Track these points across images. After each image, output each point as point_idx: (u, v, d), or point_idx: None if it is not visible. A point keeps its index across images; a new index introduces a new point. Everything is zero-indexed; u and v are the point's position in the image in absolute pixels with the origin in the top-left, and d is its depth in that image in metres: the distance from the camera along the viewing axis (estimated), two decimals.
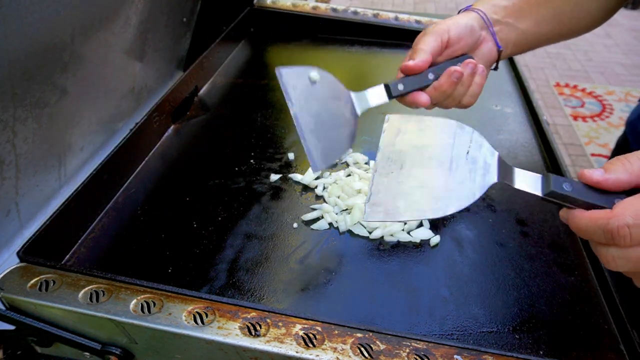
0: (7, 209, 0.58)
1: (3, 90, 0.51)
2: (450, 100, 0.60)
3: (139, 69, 0.83)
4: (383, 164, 0.49)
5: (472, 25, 0.60)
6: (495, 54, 0.63)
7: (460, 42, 0.60)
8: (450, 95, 0.59)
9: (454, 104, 0.61)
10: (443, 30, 0.59)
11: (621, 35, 3.98)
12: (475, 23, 0.61)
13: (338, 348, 0.44)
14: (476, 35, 0.61)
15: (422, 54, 0.57)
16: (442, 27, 0.59)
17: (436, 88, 0.58)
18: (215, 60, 1.03)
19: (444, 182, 0.47)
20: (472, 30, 0.60)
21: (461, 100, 0.60)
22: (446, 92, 0.58)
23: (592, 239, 0.43)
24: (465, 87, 0.59)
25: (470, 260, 0.62)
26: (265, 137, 0.85)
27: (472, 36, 0.61)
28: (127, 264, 0.61)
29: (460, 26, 0.60)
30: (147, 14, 0.78)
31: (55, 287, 0.49)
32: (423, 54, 0.57)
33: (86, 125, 0.71)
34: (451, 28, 0.59)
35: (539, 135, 0.86)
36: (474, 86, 0.60)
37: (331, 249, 0.63)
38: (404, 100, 0.59)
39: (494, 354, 0.44)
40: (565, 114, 2.91)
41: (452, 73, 0.57)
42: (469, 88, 0.59)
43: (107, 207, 0.68)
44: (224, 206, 0.69)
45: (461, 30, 0.60)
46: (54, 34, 0.56)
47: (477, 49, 0.62)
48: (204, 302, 0.48)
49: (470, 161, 0.48)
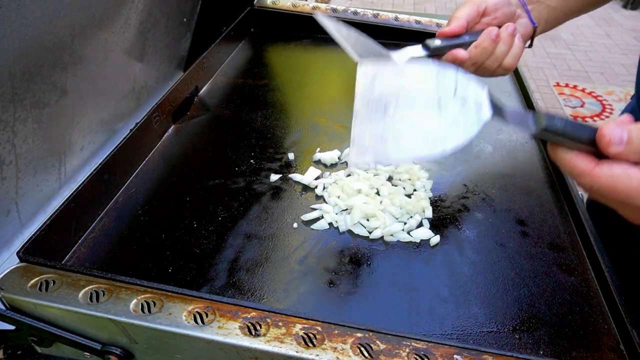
0: (7, 209, 0.58)
1: (3, 90, 0.51)
2: (492, 60, 0.61)
3: (139, 69, 0.83)
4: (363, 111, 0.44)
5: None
6: (530, 30, 0.65)
7: (497, 11, 0.62)
8: (492, 54, 0.60)
9: (495, 65, 0.61)
10: (480, 0, 0.61)
11: (621, 35, 3.99)
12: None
13: (338, 348, 0.44)
14: (512, 9, 0.63)
15: (457, 20, 0.60)
16: None
17: (476, 46, 0.60)
18: (216, 60, 1.03)
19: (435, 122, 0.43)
20: (509, 2, 0.63)
21: (503, 61, 0.61)
22: (487, 49, 0.59)
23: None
24: (507, 46, 0.60)
25: (470, 260, 0.62)
26: (265, 137, 0.85)
27: (509, 8, 0.63)
28: (127, 264, 0.61)
29: None
30: (147, 14, 0.78)
31: (55, 287, 0.49)
32: (458, 21, 0.60)
33: (86, 125, 0.71)
34: None
35: None
36: (515, 48, 0.61)
37: (331, 249, 0.63)
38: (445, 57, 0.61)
39: (494, 354, 0.44)
40: (565, 114, 2.91)
41: (491, 31, 0.59)
42: (511, 49, 0.61)
43: (107, 207, 0.68)
44: (224, 206, 0.69)
45: (498, 1, 0.62)
46: (54, 34, 0.56)
47: (514, 22, 0.64)
48: (204, 302, 0.48)
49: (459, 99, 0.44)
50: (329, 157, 0.78)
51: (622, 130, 0.38)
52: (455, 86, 0.45)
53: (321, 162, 0.79)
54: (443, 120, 0.43)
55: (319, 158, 0.79)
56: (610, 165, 0.39)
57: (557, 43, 3.85)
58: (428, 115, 0.44)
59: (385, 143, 0.43)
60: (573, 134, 0.40)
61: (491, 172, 0.77)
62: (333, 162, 0.78)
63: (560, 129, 0.40)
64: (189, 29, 1.00)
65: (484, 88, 0.45)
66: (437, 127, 0.43)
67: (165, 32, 0.89)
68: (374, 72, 0.47)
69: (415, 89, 0.45)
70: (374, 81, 0.46)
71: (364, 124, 0.44)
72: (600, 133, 0.39)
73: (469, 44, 0.60)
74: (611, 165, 0.39)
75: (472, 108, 0.44)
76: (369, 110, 0.44)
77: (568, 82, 3.28)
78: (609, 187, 0.39)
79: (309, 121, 0.90)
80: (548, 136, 0.41)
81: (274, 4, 1.18)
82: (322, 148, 0.81)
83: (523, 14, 0.65)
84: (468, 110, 0.44)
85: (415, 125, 0.43)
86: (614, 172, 0.38)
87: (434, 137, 0.43)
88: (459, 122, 0.43)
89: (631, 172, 0.38)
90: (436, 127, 0.43)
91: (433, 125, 0.43)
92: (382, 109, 0.44)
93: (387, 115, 0.44)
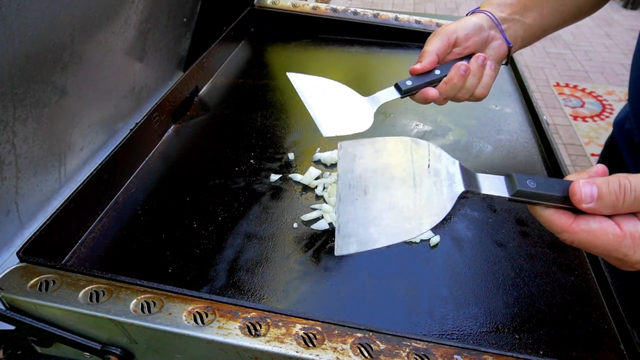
0: (7, 209, 0.58)
1: (3, 90, 0.51)
2: (463, 93, 0.62)
3: (139, 69, 0.83)
4: (345, 191, 0.47)
5: (481, 24, 0.63)
6: (505, 49, 0.65)
7: (468, 40, 0.62)
8: (462, 88, 0.61)
9: (467, 95, 0.62)
10: (451, 31, 0.62)
11: (621, 35, 3.99)
12: (484, 22, 0.63)
13: (338, 348, 0.44)
14: (485, 34, 0.63)
15: (428, 55, 0.61)
16: (449, 28, 0.62)
17: (446, 82, 0.61)
18: (216, 60, 1.03)
19: (412, 200, 0.45)
20: (481, 29, 0.63)
21: (474, 92, 0.62)
22: (457, 84, 0.60)
23: None
24: (477, 79, 0.61)
25: (470, 260, 0.62)
26: (265, 137, 0.85)
27: (481, 35, 0.63)
28: (127, 264, 0.61)
29: (468, 26, 0.62)
30: (147, 14, 0.78)
31: (55, 287, 0.49)
32: (429, 56, 0.61)
33: (86, 125, 0.71)
34: (459, 28, 0.62)
35: (539, 135, 0.86)
36: (485, 77, 0.62)
37: (331, 249, 0.63)
38: (416, 97, 0.62)
39: (494, 354, 0.44)
40: (565, 114, 2.91)
41: (460, 66, 0.59)
42: (481, 79, 0.61)
43: (107, 207, 0.68)
44: (224, 206, 0.69)
45: (469, 30, 0.62)
46: (54, 34, 0.56)
47: (486, 46, 0.64)
48: (204, 302, 0.48)
49: (433, 174, 0.46)
50: (329, 157, 0.78)
51: (592, 186, 0.39)
52: (428, 160, 0.47)
53: (321, 162, 0.79)
54: (419, 197, 0.45)
55: (319, 158, 0.79)
56: (587, 220, 0.40)
57: (557, 43, 3.85)
58: (404, 193, 0.46)
59: (367, 228, 0.45)
60: (546, 194, 0.41)
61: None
62: (333, 162, 0.78)
63: (533, 190, 0.42)
64: (189, 29, 1.00)
65: (454, 162, 0.47)
66: (413, 205, 0.45)
67: (165, 32, 0.89)
68: (353, 153, 0.50)
69: (391, 164, 0.48)
70: (354, 161, 0.49)
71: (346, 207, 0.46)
72: (571, 191, 0.40)
73: (440, 79, 0.61)
74: (587, 221, 0.40)
75: (445, 182, 0.46)
76: (351, 191, 0.47)
77: (568, 82, 3.28)
78: (588, 242, 0.40)
79: (309, 121, 0.89)
80: (523, 199, 0.42)
81: (274, 4, 1.18)
82: (322, 148, 0.81)
83: (497, 35, 0.64)
84: (441, 185, 0.46)
85: (393, 205, 0.45)
86: (591, 228, 0.40)
87: (411, 216, 0.45)
88: (433, 199, 0.45)
89: (607, 226, 0.39)
90: (412, 206, 0.45)
91: (410, 203, 0.45)
92: (362, 189, 0.47)
93: (367, 197, 0.46)
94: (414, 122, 0.90)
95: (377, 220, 0.45)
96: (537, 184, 0.42)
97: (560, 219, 0.41)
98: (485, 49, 0.64)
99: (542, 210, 0.42)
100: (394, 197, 0.46)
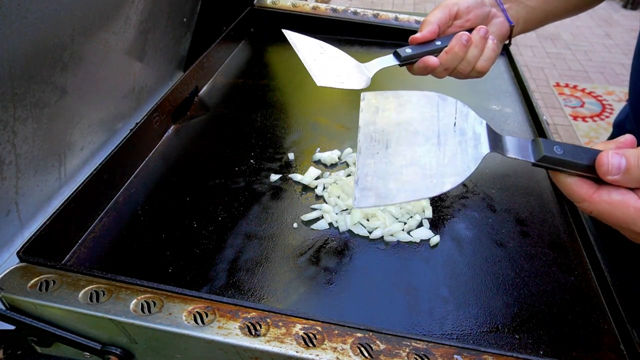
0: (7, 209, 0.58)
1: (3, 90, 0.51)
2: (464, 65, 0.61)
3: (139, 69, 0.83)
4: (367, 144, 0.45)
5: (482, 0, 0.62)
6: (506, 29, 0.65)
7: (469, 13, 0.62)
8: (463, 59, 0.60)
9: (468, 68, 0.61)
10: (452, 3, 0.61)
11: (621, 35, 3.99)
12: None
13: (338, 348, 0.44)
14: (486, 10, 0.63)
15: (429, 25, 0.60)
16: (451, 1, 0.62)
17: (447, 51, 0.59)
18: (216, 61, 1.03)
19: (435, 158, 0.44)
20: (482, 3, 0.62)
21: (476, 65, 0.61)
22: (458, 54, 0.59)
23: None
24: (479, 50, 0.60)
25: (470, 260, 0.62)
26: (265, 137, 0.85)
27: (482, 9, 0.62)
28: (127, 264, 0.61)
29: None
30: (147, 14, 0.78)
31: (55, 287, 0.49)
32: (430, 25, 0.60)
33: (86, 125, 0.71)
34: (460, 1, 0.61)
35: (539, 135, 0.86)
36: (488, 50, 0.61)
37: (331, 249, 0.63)
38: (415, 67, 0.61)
39: (494, 354, 0.44)
40: (565, 114, 2.91)
41: (461, 36, 0.58)
42: (483, 52, 0.60)
43: (107, 207, 0.68)
44: (224, 206, 0.69)
45: (470, 3, 0.62)
46: (54, 34, 0.56)
47: (488, 23, 0.64)
48: (204, 302, 0.48)
49: (458, 133, 0.45)
50: (329, 157, 0.78)
51: (620, 158, 0.38)
52: (454, 118, 0.46)
53: (321, 162, 0.79)
54: (442, 156, 0.44)
55: (319, 158, 0.79)
56: (609, 191, 0.39)
57: (557, 43, 3.85)
58: (428, 150, 0.44)
59: (387, 183, 0.44)
60: (572, 162, 0.40)
61: (491, 172, 0.78)
62: (333, 162, 0.78)
63: (559, 156, 0.41)
64: (189, 29, 1.00)
65: (482, 122, 0.46)
66: (436, 163, 0.44)
67: (165, 32, 0.89)
68: (376, 105, 0.48)
69: (416, 119, 0.46)
70: (377, 114, 0.47)
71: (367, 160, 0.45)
72: (598, 161, 0.39)
73: (441, 49, 0.60)
74: (610, 192, 0.39)
75: (470, 143, 0.44)
76: (372, 144, 0.45)
77: (568, 82, 3.28)
78: (608, 213, 0.39)
79: (309, 121, 0.90)
80: (548, 164, 0.42)
81: (274, 4, 1.18)
82: (322, 148, 0.81)
83: (499, 14, 0.64)
84: (466, 145, 0.44)
85: (415, 162, 0.44)
86: (612, 199, 0.39)
87: (432, 174, 0.43)
88: (457, 158, 0.44)
89: (629, 199, 0.38)
90: (435, 164, 0.44)
91: (432, 161, 0.44)
92: (384, 143, 0.45)
93: (389, 151, 0.45)
94: None
95: (397, 176, 0.43)
96: (564, 151, 0.41)
97: (582, 188, 0.40)
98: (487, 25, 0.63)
99: (565, 177, 0.41)
100: (416, 153, 0.44)
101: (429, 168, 0.44)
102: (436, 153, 0.44)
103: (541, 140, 0.42)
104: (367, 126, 0.46)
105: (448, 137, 0.45)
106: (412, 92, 0.48)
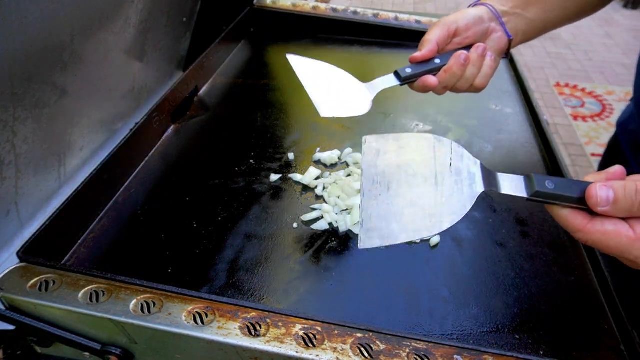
0: (7, 209, 0.58)
1: (3, 90, 0.51)
2: (462, 83, 0.62)
3: (139, 69, 0.83)
4: (369, 187, 0.48)
5: (481, 16, 0.63)
6: (505, 42, 0.65)
7: (468, 31, 0.62)
8: (461, 77, 0.61)
9: (466, 85, 0.62)
10: (451, 21, 0.62)
11: (621, 35, 3.98)
12: (484, 14, 0.63)
13: (338, 348, 0.44)
14: (485, 26, 0.63)
15: (428, 44, 0.61)
16: (450, 19, 0.62)
17: (446, 71, 0.60)
18: (215, 60, 1.03)
19: (433, 198, 0.47)
20: (481, 20, 0.63)
21: (474, 82, 0.62)
22: (456, 73, 0.60)
23: None
24: (476, 69, 0.61)
25: (470, 260, 0.62)
26: (265, 137, 0.85)
27: (481, 26, 0.63)
28: (127, 264, 0.61)
29: (469, 16, 0.63)
30: (147, 14, 0.78)
31: (55, 287, 0.49)
32: (429, 44, 0.61)
33: (86, 125, 0.71)
34: (459, 18, 0.62)
35: (539, 135, 0.86)
36: (485, 68, 0.62)
37: (331, 249, 0.63)
38: (415, 85, 0.62)
39: (494, 354, 0.44)
40: (565, 114, 2.91)
41: (460, 55, 0.59)
42: (481, 70, 0.61)
43: (107, 207, 0.68)
44: (224, 206, 0.69)
45: (469, 20, 0.62)
46: (54, 34, 0.56)
47: (487, 38, 0.64)
48: (204, 302, 0.48)
49: (454, 173, 0.48)
50: (329, 157, 0.78)
51: (608, 190, 0.40)
52: (450, 159, 0.49)
53: (321, 162, 0.79)
54: (440, 195, 0.47)
55: (319, 158, 0.79)
56: (602, 222, 0.41)
57: (557, 43, 3.85)
58: (426, 191, 0.47)
59: (389, 224, 0.46)
60: (564, 195, 0.42)
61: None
62: (333, 162, 0.78)
63: (551, 191, 0.43)
64: (189, 29, 1.00)
65: (476, 162, 0.49)
66: (434, 203, 0.46)
67: (165, 32, 0.89)
68: (377, 148, 0.51)
69: (414, 161, 0.49)
70: (378, 157, 0.50)
71: (370, 202, 0.47)
72: (587, 194, 0.41)
73: (440, 67, 0.61)
74: (603, 223, 0.41)
75: (466, 182, 0.47)
76: (375, 186, 0.48)
77: (568, 82, 3.28)
78: (602, 242, 0.41)
79: (309, 121, 0.89)
80: (541, 199, 0.43)
81: (274, 3, 1.18)
82: (322, 148, 0.81)
83: (498, 28, 0.64)
84: (462, 185, 0.47)
85: (415, 202, 0.47)
86: (605, 229, 0.40)
87: (432, 214, 0.46)
88: (454, 197, 0.46)
89: (621, 229, 0.40)
90: (434, 203, 0.46)
91: (431, 201, 0.46)
92: (386, 185, 0.48)
93: (390, 192, 0.48)
94: (415, 122, 0.90)
95: (399, 217, 0.46)
96: (555, 185, 0.43)
97: (576, 219, 0.42)
98: (485, 41, 0.64)
99: (559, 210, 0.43)
100: (415, 194, 0.47)
101: (428, 208, 0.46)
102: (434, 193, 0.47)
103: (534, 175, 0.44)
104: (369, 169, 0.49)
105: (445, 177, 0.48)
106: (411, 134, 0.52)
